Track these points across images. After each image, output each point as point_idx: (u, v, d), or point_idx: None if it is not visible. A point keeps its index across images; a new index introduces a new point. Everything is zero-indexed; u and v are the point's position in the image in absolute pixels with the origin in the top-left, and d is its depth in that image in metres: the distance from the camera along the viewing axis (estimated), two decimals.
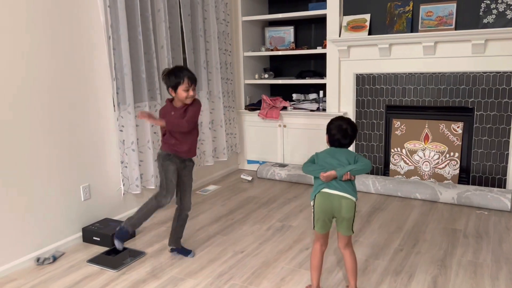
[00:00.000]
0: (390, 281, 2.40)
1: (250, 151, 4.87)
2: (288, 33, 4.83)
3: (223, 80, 4.36)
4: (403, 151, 4.08)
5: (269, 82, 4.78)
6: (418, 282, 2.38)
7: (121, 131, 3.23)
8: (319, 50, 4.42)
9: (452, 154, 3.88)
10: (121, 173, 3.29)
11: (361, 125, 4.26)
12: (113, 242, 2.82)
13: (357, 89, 4.21)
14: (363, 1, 4.06)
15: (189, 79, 2.54)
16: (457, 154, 3.86)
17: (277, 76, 5.01)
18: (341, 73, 4.23)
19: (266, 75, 4.81)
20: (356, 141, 4.29)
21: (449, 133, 3.89)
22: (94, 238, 2.98)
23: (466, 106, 3.78)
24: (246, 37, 4.72)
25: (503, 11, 3.47)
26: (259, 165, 4.68)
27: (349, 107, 4.25)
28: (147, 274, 2.57)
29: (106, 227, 3.04)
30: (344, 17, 4.13)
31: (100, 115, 3.16)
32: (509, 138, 3.65)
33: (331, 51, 4.21)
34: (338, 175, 2.05)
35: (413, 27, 3.84)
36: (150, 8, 3.38)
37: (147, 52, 3.39)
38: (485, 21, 3.54)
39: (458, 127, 3.86)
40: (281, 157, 4.67)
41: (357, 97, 4.23)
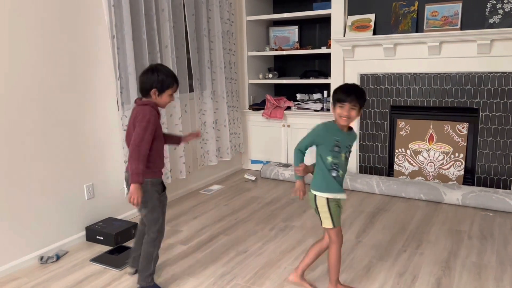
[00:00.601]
0: (393, 282, 2.39)
1: (254, 151, 4.87)
2: (292, 32, 4.82)
3: (227, 79, 4.36)
4: (408, 151, 4.06)
5: (273, 82, 4.78)
6: (421, 283, 2.37)
7: (125, 130, 3.23)
8: (323, 50, 4.40)
9: (457, 155, 3.85)
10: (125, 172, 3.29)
11: (366, 126, 4.24)
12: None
13: None
14: (368, 1, 4.04)
15: (177, 83, 2.21)
16: (462, 155, 3.83)
17: (281, 76, 5.00)
18: (345, 73, 4.21)
19: (270, 75, 4.81)
20: (360, 141, 4.27)
21: (454, 134, 3.86)
22: (97, 237, 2.99)
23: (471, 106, 3.75)
24: (250, 36, 4.72)
25: (509, 11, 3.44)
26: (262, 165, 4.68)
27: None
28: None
29: (109, 226, 3.05)
30: (348, 17, 4.11)
31: (104, 114, 3.17)
32: None
33: (336, 51, 4.20)
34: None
35: (418, 27, 3.82)
36: (154, 7, 3.38)
37: (151, 51, 3.39)
38: (491, 21, 3.51)
39: (463, 128, 3.83)
40: (284, 157, 4.66)
41: None
